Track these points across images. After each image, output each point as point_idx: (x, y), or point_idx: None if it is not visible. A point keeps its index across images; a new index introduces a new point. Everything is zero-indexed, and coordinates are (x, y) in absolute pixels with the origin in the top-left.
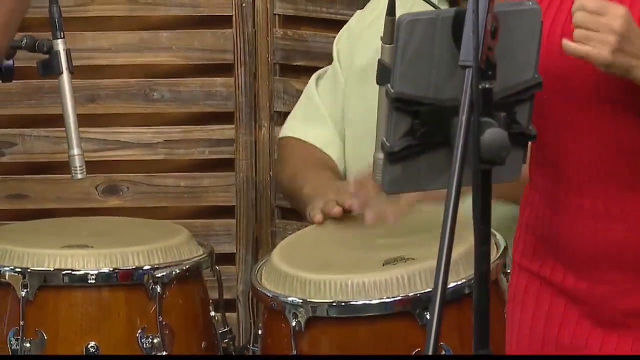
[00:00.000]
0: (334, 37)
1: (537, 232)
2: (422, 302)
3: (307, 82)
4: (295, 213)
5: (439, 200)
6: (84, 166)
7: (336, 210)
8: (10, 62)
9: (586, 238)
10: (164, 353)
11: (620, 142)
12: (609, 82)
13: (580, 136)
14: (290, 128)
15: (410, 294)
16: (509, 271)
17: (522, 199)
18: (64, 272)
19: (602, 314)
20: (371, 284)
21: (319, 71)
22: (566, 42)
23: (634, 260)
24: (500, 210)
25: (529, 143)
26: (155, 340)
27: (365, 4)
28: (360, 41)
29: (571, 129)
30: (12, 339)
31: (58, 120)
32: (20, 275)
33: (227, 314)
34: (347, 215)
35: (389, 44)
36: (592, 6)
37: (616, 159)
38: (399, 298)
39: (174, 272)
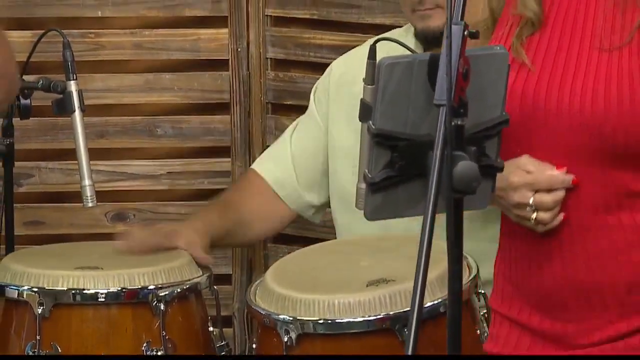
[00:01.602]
0: None
1: (511, 279)
2: (402, 319)
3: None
4: (285, 238)
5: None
6: (94, 195)
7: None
8: (28, 101)
9: (556, 282)
10: None
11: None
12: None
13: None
14: (256, 162)
15: (391, 313)
16: (481, 292)
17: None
18: (76, 292)
19: (566, 349)
20: (356, 303)
21: (300, 117)
22: None
23: (600, 295)
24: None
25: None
26: (159, 354)
27: (347, 50)
28: (337, 90)
29: None
30: (29, 351)
31: (71, 154)
32: (36, 294)
33: (224, 329)
34: (333, 241)
35: (370, 85)
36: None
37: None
38: (381, 316)
39: (176, 291)
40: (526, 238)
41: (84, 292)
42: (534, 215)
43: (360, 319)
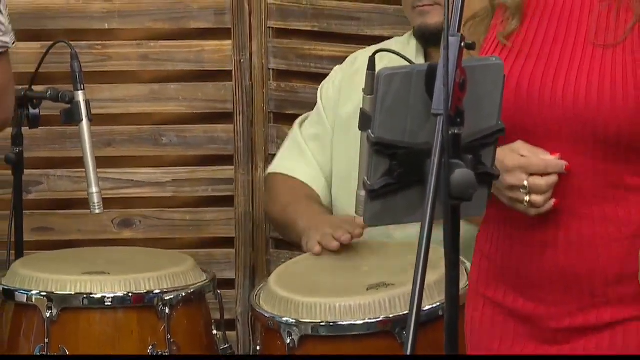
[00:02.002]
0: None
1: (490, 258)
2: (401, 322)
3: None
4: (287, 243)
5: None
6: (101, 202)
7: (334, 244)
8: (37, 111)
9: (535, 265)
10: None
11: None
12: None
13: None
14: (278, 166)
15: (391, 316)
16: None
17: (480, 227)
18: (84, 296)
19: (544, 333)
20: (356, 306)
21: (301, 117)
22: None
23: (576, 286)
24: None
25: None
26: (164, 356)
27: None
28: (343, 93)
29: None
30: (38, 354)
31: (78, 162)
32: (45, 298)
33: (227, 333)
34: None
35: (370, 95)
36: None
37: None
38: (381, 319)
39: (180, 296)
40: (511, 220)
41: (92, 296)
42: (527, 198)
43: (361, 322)
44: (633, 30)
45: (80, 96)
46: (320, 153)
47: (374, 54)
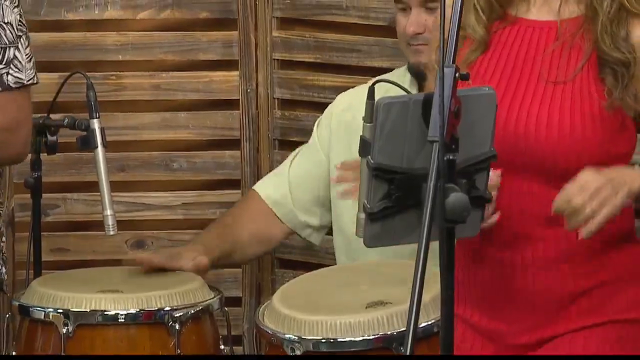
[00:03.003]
0: None
1: (458, 279)
2: (398, 339)
3: None
4: (291, 263)
5: None
6: (115, 224)
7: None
8: (54, 138)
9: (496, 285)
10: None
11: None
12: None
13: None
14: (258, 183)
15: (389, 332)
16: None
17: None
18: (98, 313)
19: (508, 349)
20: (356, 323)
21: (301, 146)
22: (585, 233)
23: (542, 302)
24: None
25: None
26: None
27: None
28: (339, 124)
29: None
30: None
31: (94, 186)
32: (62, 315)
33: (234, 348)
34: (335, 267)
35: (369, 123)
36: (574, 190)
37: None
38: (379, 336)
39: (190, 313)
40: (471, 241)
41: (106, 313)
42: None
43: (360, 338)
44: (583, 68)
45: (96, 124)
46: (306, 181)
47: (374, 83)
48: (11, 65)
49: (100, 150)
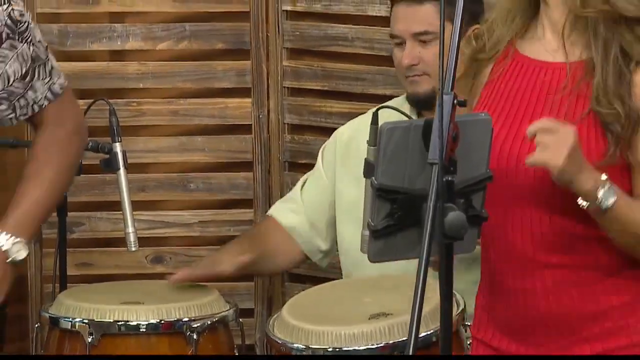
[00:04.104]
0: None
1: (484, 308)
2: (400, 348)
3: None
4: (300, 277)
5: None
6: (136, 241)
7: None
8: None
9: (519, 312)
10: None
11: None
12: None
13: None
14: (274, 209)
15: (390, 342)
16: (467, 324)
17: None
18: (121, 323)
19: None
20: (359, 334)
21: (308, 173)
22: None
23: (556, 327)
24: (465, 276)
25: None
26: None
27: (353, 117)
28: (344, 151)
29: (503, 226)
30: None
31: (116, 205)
32: (87, 325)
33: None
34: (340, 281)
35: (373, 146)
36: (548, 126)
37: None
38: (382, 345)
39: (206, 323)
40: (497, 274)
41: (128, 323)
42: None
43: (364, 348)
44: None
45: (118, 147)
46: (317, 206)
47: (377, 109)
48: (52, 75)
49: (122, 172)
